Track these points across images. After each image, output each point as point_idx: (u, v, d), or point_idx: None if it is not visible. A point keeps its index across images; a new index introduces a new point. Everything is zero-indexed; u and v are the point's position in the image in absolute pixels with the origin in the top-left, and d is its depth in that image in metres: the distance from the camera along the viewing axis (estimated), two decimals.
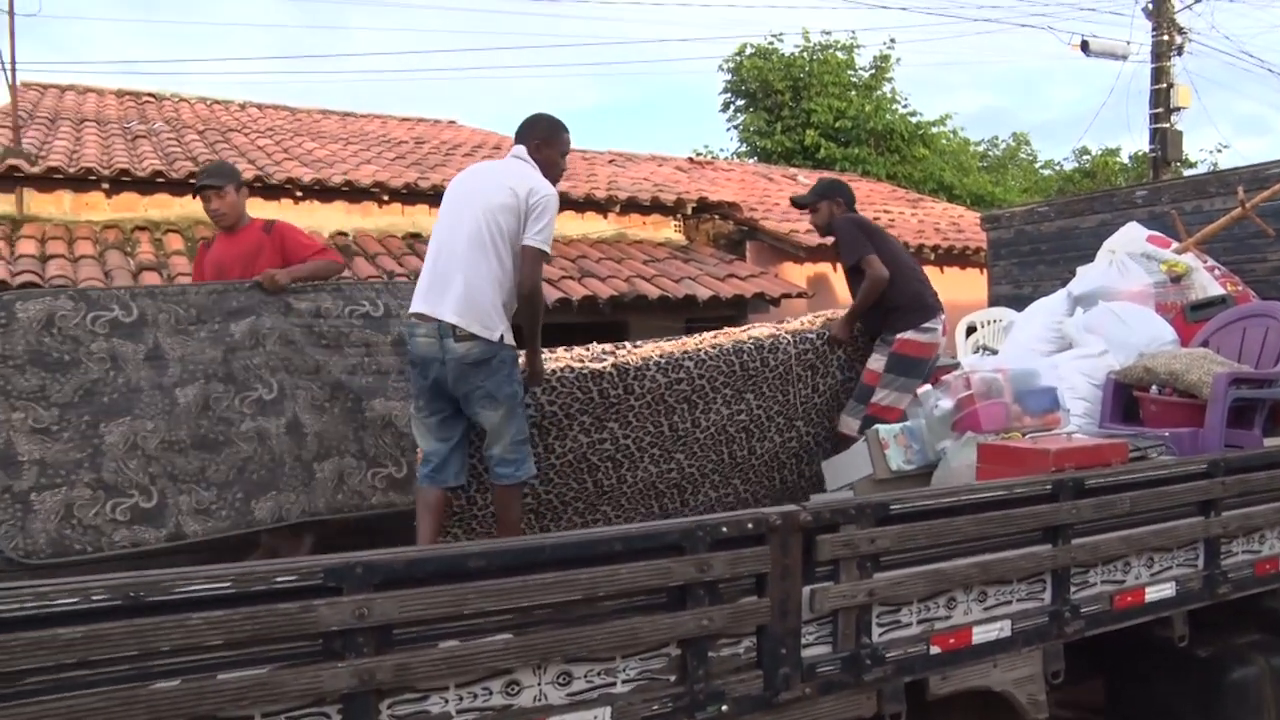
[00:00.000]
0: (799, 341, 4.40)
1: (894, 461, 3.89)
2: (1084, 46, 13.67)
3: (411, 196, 8.38)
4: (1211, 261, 5.29)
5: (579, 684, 2.17)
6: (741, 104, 21.35)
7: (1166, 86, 13.22)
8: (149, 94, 12.13)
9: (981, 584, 2.79)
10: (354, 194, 8.30)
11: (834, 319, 4.58)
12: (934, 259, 10.37)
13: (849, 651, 2.52)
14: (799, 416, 4.49)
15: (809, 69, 20.28)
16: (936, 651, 2.68)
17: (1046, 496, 2.92)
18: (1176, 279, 5.03)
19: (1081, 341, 4.81)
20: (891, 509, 2.61)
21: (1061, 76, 66.76)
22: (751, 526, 2.36)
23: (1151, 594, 3.18)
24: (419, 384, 3.65)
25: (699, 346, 4.17)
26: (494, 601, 2.05)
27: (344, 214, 8.30)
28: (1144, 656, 3.42)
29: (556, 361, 3.89)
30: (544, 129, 3.85)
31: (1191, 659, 3.38)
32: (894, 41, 21.52)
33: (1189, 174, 14.90)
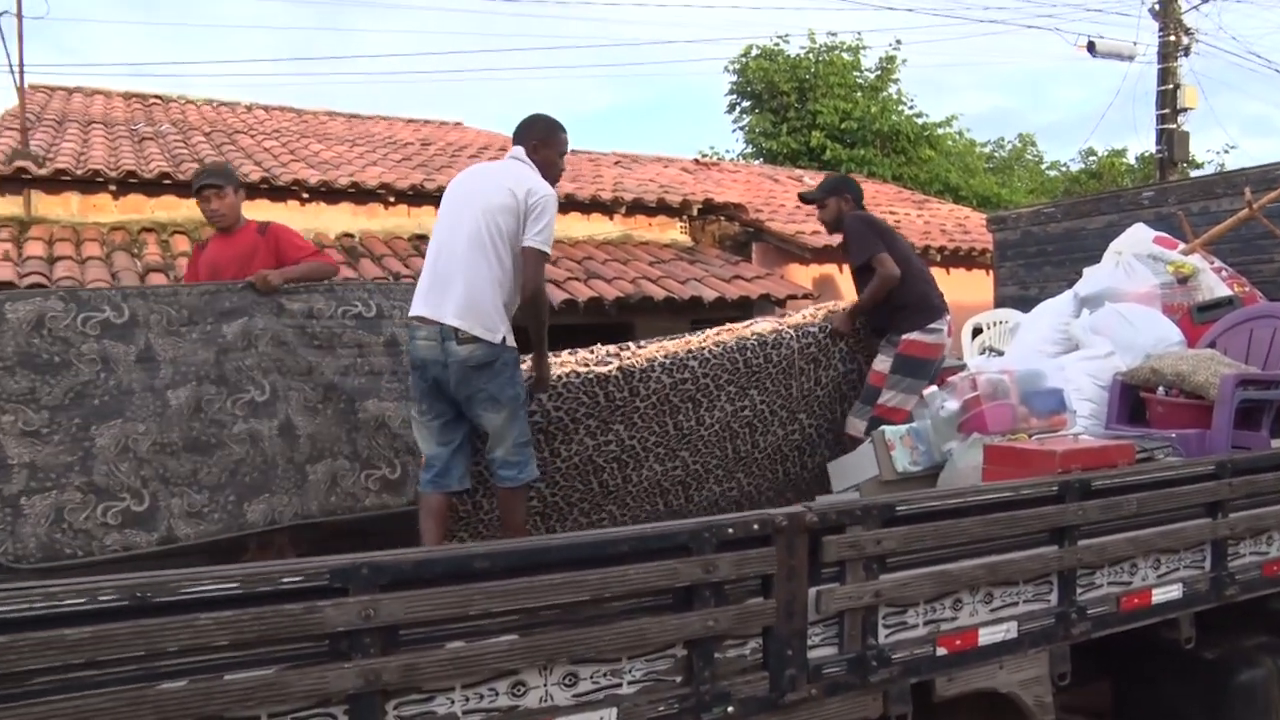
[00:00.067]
0: (801, 336, 4.40)
1: (900, 463, 3.89)
2: (1090, 47, 13.64)
3: (418, 198, 8.39)
4: (1218, 262, 5.27)
5: (585, 685, 2.17)
6: (747, 105, 21.37)
7: (1173, 87, 13.19)
8: (156, 96, 12.18)
9: (988, 585, 2.79)
10: (360, 195, 8.32)
11: (836, 311, 4.58)
12: (940, 260, 10.36)
13: (855, 653, 2.52)
14: (802, 409, 4.49)
15: (815, 70, 20.29)
16: (943, 653, 2.68)
17: (1053, 498, 2.91)
18: (1183, 280, 5.02)
19: (1088, 343, 4.79)
20: (898, 510, 2.61)
21: (1068, 77, 66.68)
22: (757, 528, 2.35)
23: (1158, 596, 3.17)
24: (420, 387, 3.63)
25: (703, 345, 4.17)
26: (500, 602, 2.05)
27: (350, 216, 8.33)
28: (1151, 658, 3.41)
29: (562, 367, 3.88)
30: (541, 130, 3.84)
31: (1199, 661, 3.36)
32: (900, 42, 21.47)
33: (1196, 175, 14.85)
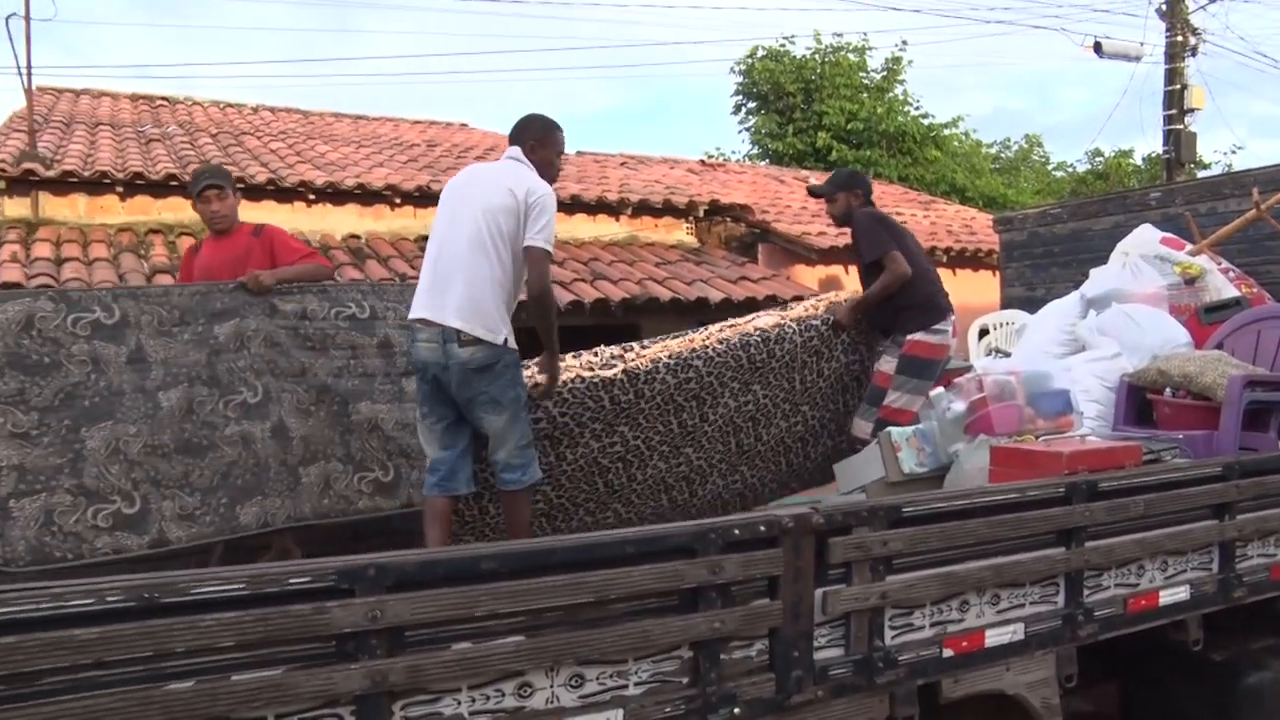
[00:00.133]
0: (804, 329, 4.39)
1: (906, 464, 3.88)
2: (1097, 48, 13.60)
3: (424, 199, 8.40)
4: (1226, 263, 5.26)
5: (591, 686, 2.17)
6: (753, 106, 21.36)
7: (1180, 88, 13.15)
8: (163, 97, 12.21)
9: (994, 587, 2.78)
10: (366, 197, 8.33)
11: (837, 302, 4.57)
12: (946, 261, 10.33)
13: (861, 654, 2.51)
14: (804, 401, 4.49)
15: (820, 71, 20.28)
16: (949, 654, 2.67)
17: (1060, 499, 2.90)
18: (1190, 281, 5.01)
19: (1095, 344, 4.78)
20: (904, 511, 2.60)
21: (1074, 78, 66.55)
22: (764, 529, 2.35)
23: (1165, 597, 3.16)
24: (422, 390, 3.63)
25: (706, 343, 4.16)
26: (506, 603, 2.05)
27: (356, 217, 8.34)
28: (1158, 660, 3.41)
29: (567, 371, 3.86)
30: (538, 130, 3.84)
31: (1206, 663, 3.35)
32: (906, 43, 21.44)
33: (1203, 176, 14.82)
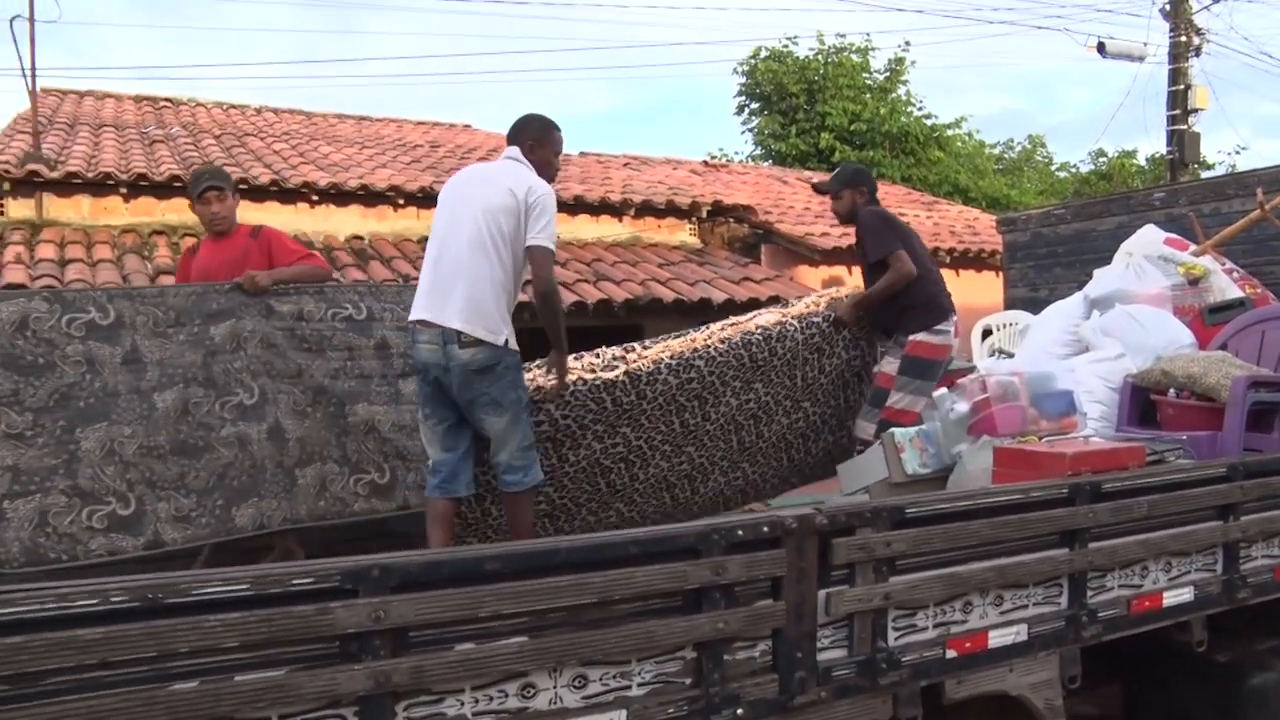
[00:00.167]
0: (806, 327, 4.38)
1: (909, 465, 3.88)
2: (1100, 48, 13.58)
3: (427, 200, 8.40)
4: (1230, 264, 5.25)
5: (594, 687, 2.18)
6: (756, 107, 21.37)
7: (1184, 88, 13.13)
8: (166, 99, 12.24)
9: (998, 588, 2.78)
10: (370, 198, 8.35)
11: (839, 298, 4.55)
12: (949, 262, 10.34)
13: (865, 655, 2.52)
14: (805, 398, 4.48)
15: (823, 72, 20.28)
16: (952, 655, 2.67)
17: (1063, 500, 2.90)
18: (1194, 282, 5.00)
19: (1098, 345, 4.78)
20: (907, 512, 2.60)
21: (1078, 78, 66.51)
22: (767, 530, 2.35)
23: (1169, 598, 3.16)
24: (424, 391, 3.63)
25: (708, 343, 4.14)
26: (510, 604, 2.06)
27: (360, 218, 8.35)
28: (1162, 661, 3.40)
29: (568, 375, 3.87)
30: (536, 129, 3.83)
31: (1210, 664, 3.35)
32: (909, 44, 21.47)
33: (1207, 176, 14.80)
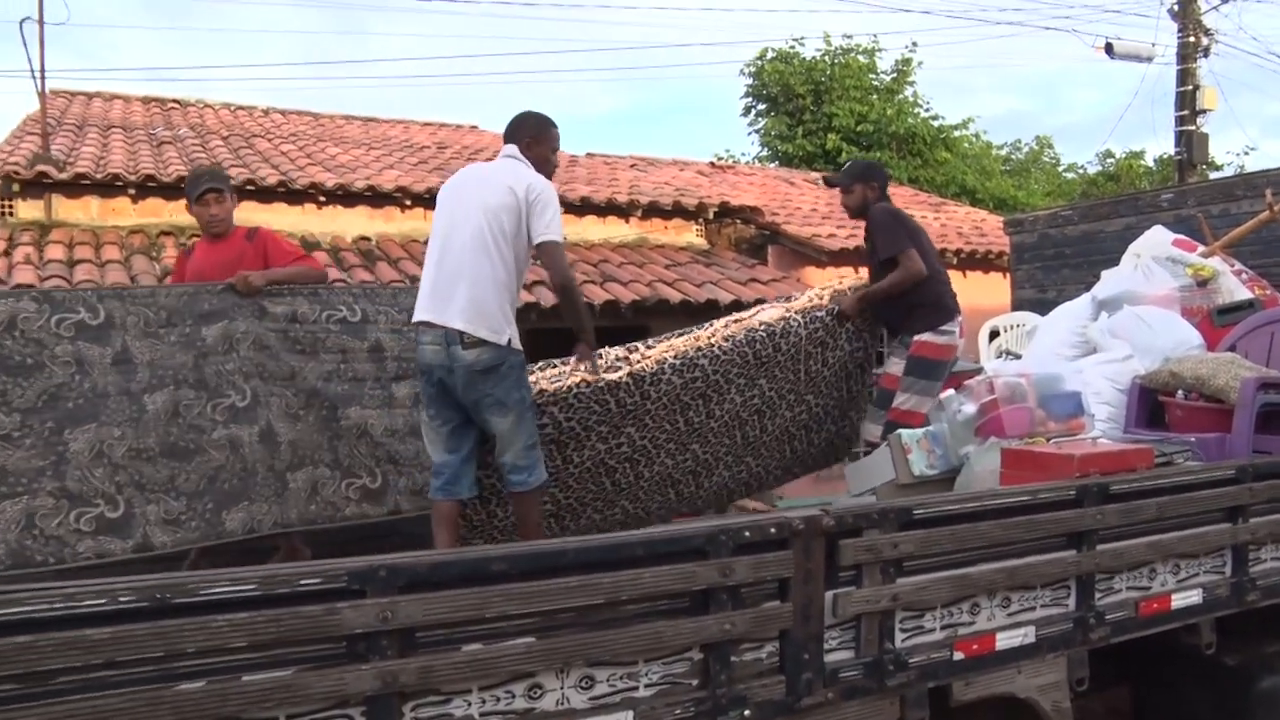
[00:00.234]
0: (809, 321, 4.37)
1: (917, 466, 3.88)
2: (1108, 49, 13.54)
3: (434, 201, 8.35)
4: (1239, 265, 5.24)
5: (601, 688, 2.18)
6: (763, 108, 21.37)
7: (1192, 89, 13.09)
8: (174, 100, 12.27)
9: (1005, 589, 2.78)
10: (377, 199, 8.36)
11: (842, 290, 4.54)
12: (956, 263, 10.31)
13: (872, 657, 2.51)
14: (809, 391, 4.48)
15: (830, 73, 20.28)
16: (960, 657, 2.67)
17: (1071, 502, 2.89)
18: (1203, 283, 4.98)
19: (1106, 346, 4.76)
20: (915, 514, 2.60)
21: (1085, 79, 66.31)
22: (774, 531, 2.35)
23: (1178, 601, 3.15)
24: (427, 392, 3.63)
25: (712, 341, 4.14)
26: (517, 605, 2.06)
27: (367, 219, 8.36)
28: (1171, 664, 3.39)
29: (570, 376, 3.84)
30: (533, 126, 3.82)
31: (1219, 667, 3.34)
32: (916, 45, 21.47)
33: (1215, 177, 14.74)
